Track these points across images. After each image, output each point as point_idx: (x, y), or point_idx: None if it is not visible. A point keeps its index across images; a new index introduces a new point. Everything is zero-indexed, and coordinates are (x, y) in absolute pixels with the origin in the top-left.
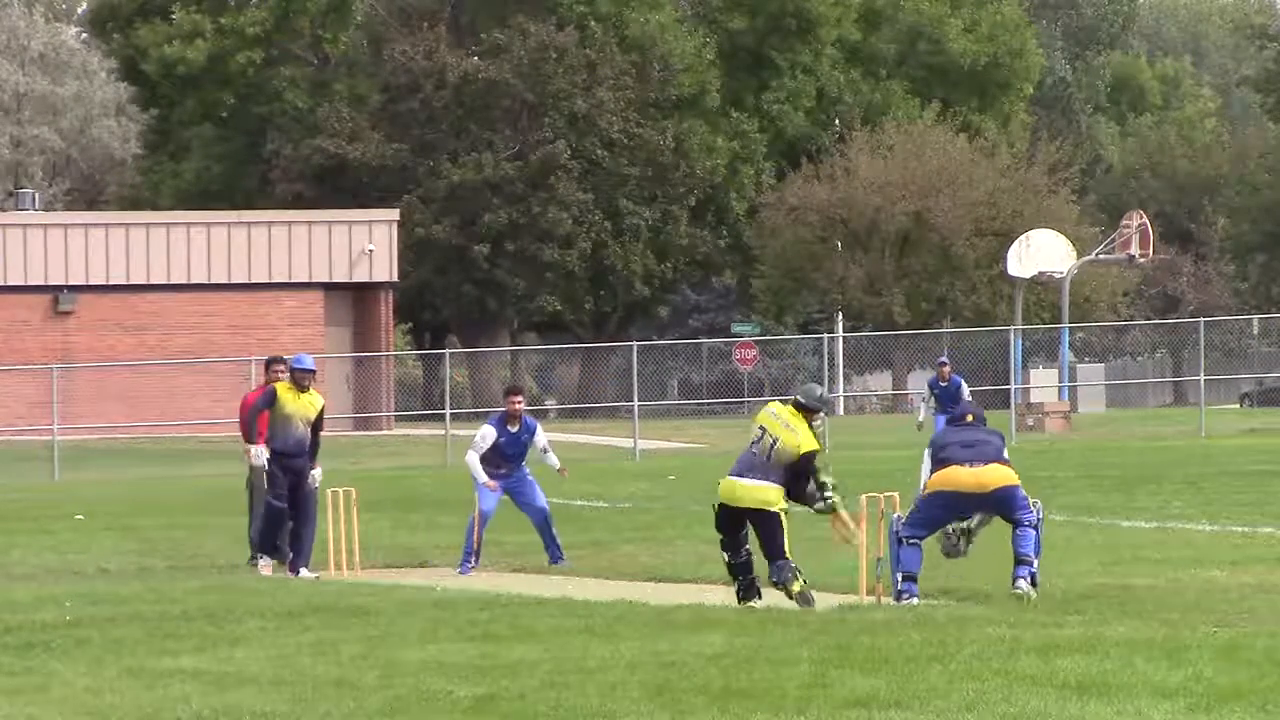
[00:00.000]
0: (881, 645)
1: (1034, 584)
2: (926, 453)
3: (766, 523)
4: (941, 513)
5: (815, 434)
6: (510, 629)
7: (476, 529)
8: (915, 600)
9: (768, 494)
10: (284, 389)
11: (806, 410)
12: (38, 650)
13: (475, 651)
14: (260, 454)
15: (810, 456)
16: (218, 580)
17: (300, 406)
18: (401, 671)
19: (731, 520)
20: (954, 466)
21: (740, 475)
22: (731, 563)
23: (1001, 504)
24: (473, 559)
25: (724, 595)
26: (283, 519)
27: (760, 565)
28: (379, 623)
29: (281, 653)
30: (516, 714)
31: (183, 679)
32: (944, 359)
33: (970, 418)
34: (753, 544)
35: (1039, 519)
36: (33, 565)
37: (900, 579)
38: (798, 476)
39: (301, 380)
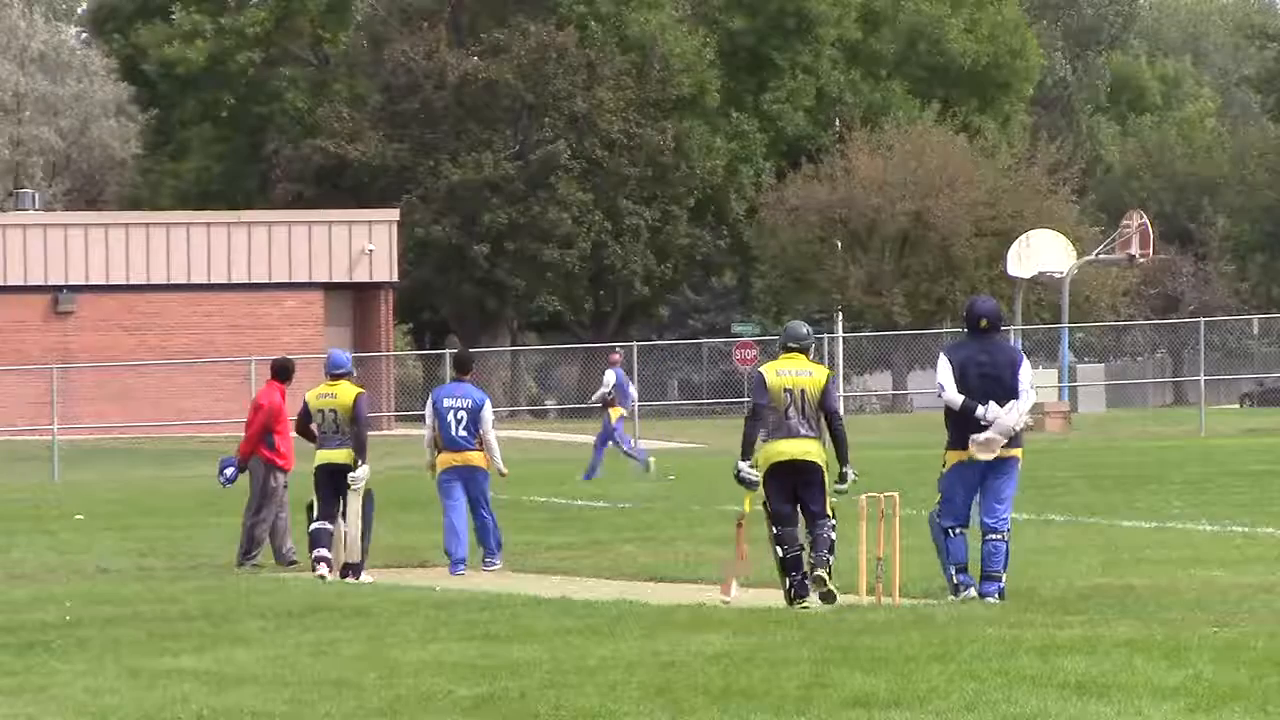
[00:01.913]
0: (881, 645)
1: (1002, 597)
2: (943, 362)
3: (817, 476)
4: (962, 487)
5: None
6: (510, 629)
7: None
8: (971, 591)
9: (817, 445)
10: None
11: (800, 350)
12: (38, 650)
13: (475, 651)
14: None
15: (832, 380)
16: (217, 580)
17: None
18: (401, 671)
19: (786, 490)
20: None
21: (796, 435)
22: (786, 556)
23: (1000, 476)
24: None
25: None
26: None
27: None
28: (379, 623)
29: (281, 653)
30: (516, 714)
31: (183, 679)
32: None
33: (984, 323)
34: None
35: (1010, 532)
36: (33, 565)
37: (954, 571)
38: (830, 415)
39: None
